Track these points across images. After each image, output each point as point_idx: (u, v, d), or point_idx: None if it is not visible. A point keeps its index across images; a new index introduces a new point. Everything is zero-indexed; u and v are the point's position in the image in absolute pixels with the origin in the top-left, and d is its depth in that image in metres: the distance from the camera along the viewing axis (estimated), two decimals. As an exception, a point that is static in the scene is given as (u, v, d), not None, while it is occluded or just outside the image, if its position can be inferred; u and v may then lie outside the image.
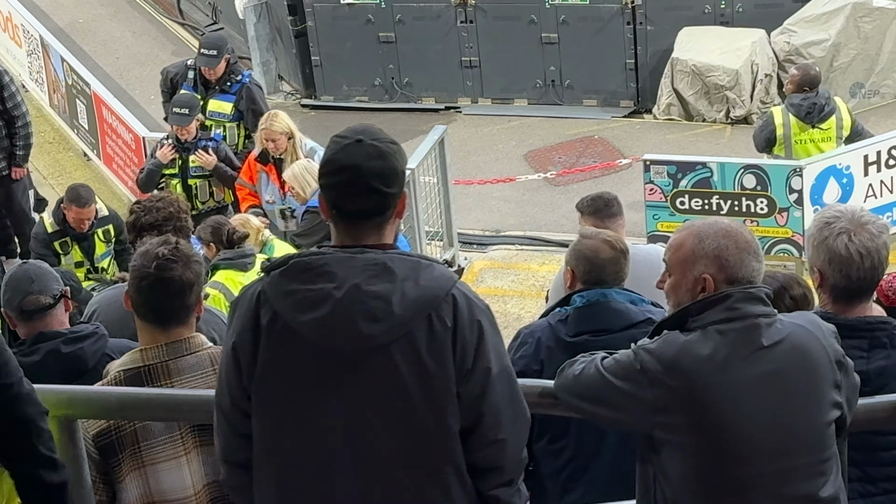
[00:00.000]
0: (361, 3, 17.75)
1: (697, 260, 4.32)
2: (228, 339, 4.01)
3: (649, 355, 4.21)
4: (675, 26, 16.75)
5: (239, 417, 4.01)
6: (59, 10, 20.94)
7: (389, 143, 3.98)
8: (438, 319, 3.88)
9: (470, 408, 3.94)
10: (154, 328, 4.80)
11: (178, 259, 4.81)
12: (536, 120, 17.40)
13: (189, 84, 12.69)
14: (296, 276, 3.91)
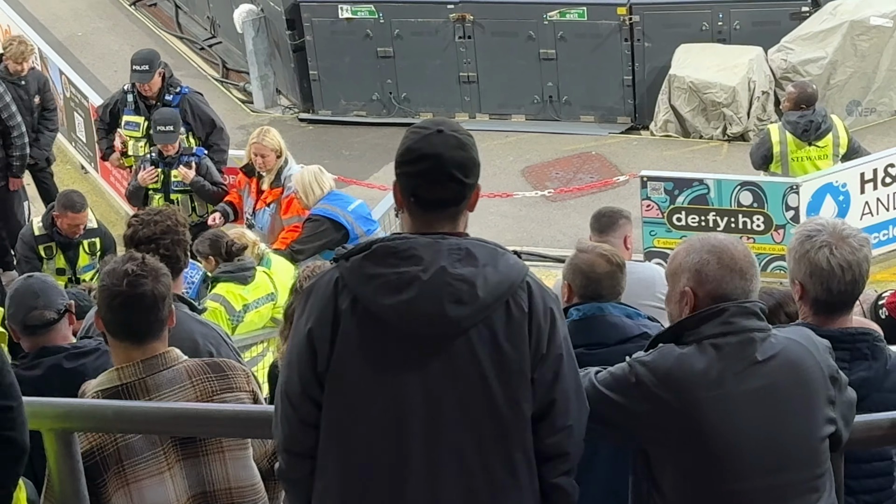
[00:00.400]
0: (360, 17, 17.78)
1: (682, 273, 4.34)
2: (303, 325, 4.00)
3: (644, 368, 4.23)
4: (672, 43, 16.80)
5: (308, 405, 4.01)
6: (57, 24, 20.98)
7: (467, 134, 4.04)
8: (515, 305, 3.93)
9: (543, 393, 3.98)
10: (129, 345, 4.77)
11: (148, 274, 4.78)
12: (534, 136, 17.44)
13: (130, 108, 12.50)
14: (380, 260, 3.94)
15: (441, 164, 3.96)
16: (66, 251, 11.47)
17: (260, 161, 11.51)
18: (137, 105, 12.48)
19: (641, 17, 16.93)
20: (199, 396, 4.71)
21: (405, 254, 3.93)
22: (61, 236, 11.39)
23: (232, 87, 19.41)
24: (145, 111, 12.44)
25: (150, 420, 4.55)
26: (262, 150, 11.49)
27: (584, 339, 5.54)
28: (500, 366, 3.93)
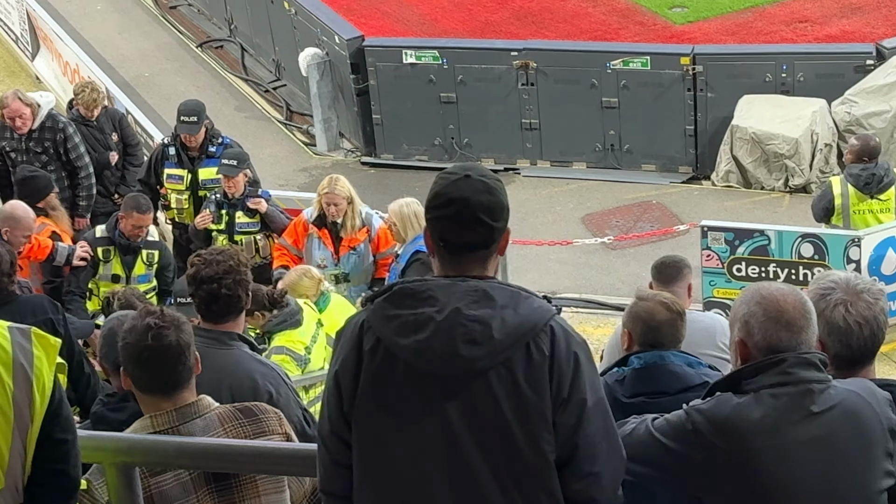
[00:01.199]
0: (424, 63, 17.89)
1: (734, 322, 4.36)
2: (332, 368, 4.08)
3: (701, 416, 4.23)
4: (735, 94, 16.80)
5: (338, 445, 4.07)
6: (125, 64, 21.22)
7: (496, 179, 4.09)
8: (536, 348, 3.94)
9: (565, 438, 3.98)
10: (160, 398, 4.78)
11: (170, 325, 4.77)
12: (595, 183, 17.46)
13: (172, 161, 12.52)
14: (399, 302, 4.00)
15: (468, 208, 4.00)
16: (124, 255, 11.50)
17: (333, 210, 11.46)
18: (180, 157, 12.54)
19: (705, 67, 16.94)
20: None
21: (422, 295, 3.99)
22: (123, 238, 11.43)
23: (295, 129, 19.55)
24: (188, 163, 12.50)
25: (209, 456, 4.59)
26: (335, 199, 11.44)
27: (645, 387, 5.55)
28: (519, 408, 3.94)
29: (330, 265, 11.60)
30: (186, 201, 12.51)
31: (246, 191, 12.06)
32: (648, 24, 20.89)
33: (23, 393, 4.07)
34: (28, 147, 12.96)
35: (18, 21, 21.12)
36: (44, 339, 4.18)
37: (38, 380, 4.09)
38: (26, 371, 4.08)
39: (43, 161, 12.99)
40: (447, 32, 20.74)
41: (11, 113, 12.80)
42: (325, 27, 18.63)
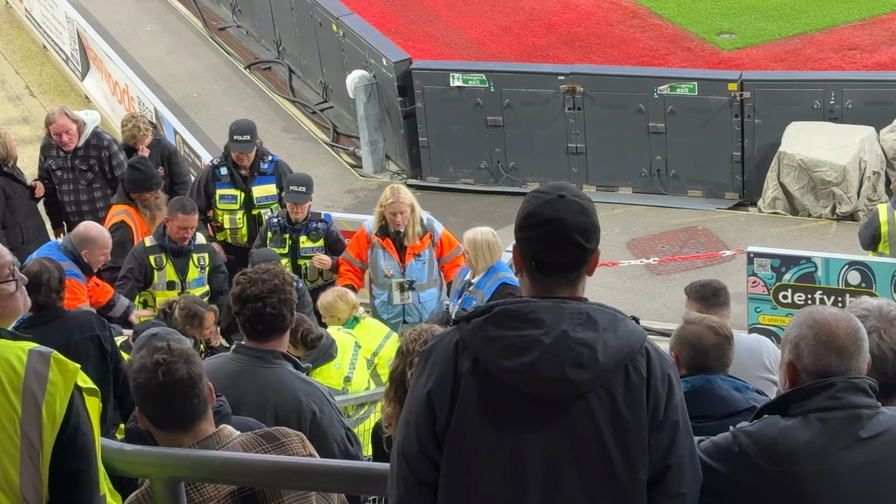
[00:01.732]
0: (470, 86, 17.92)
1: (785, 345, 4.34)
2: (422, 386, 4.03)
3: (748, 438, 4.21)
4: (783, 120, 16.75)
5: (424, 465, 4.04)
6: (174, 84, 21.36)
7: (588, 199, 4.08)
8: (634, 370, 3.94)
9: (659, 458, 3.97)
10: (179, 433, 4.73)
11: (179, 358, 4.72)
12: (640, 208, 17.43)
13: (224, 181, 12.55)
14: (503, 323, 3.96)
15: (564, 229, 3.98)
16: (176, 258, 11.54)
17: (399, 219, 11.60)
18: (233, 177, 12.56)
19: (753, 93, 16.90)
20: None
21: (527, 317, 3.96)
22: (172, 243, 11.48)
23: (342, 151, 19.62)
24: (241, 182, 12.54)
25: (254, 472, 4.60)
26: (401, 208, 11.59)
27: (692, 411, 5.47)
28: (618, 430, 3.93)
29: (396, 274, 11.78)
30: (241, 220, 12.57)
31: (309, 214, 12.10)
32: (696, 49, 20.87)
33: (31, 419, 4.05)
34: (73, 165, 13.04)
35: (69, 41, 21.30)
36: (63, 364, 4.16)
37: (49, 406, 4.07)
38: (36, 397, 4.06)
39: (88, 179, 13.08)
40: (494, 56, 20.78)
41: (58, 128, 12.87)
42: (372, 50, 18.70)
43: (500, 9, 22.69)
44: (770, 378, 7.80)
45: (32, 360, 4.09)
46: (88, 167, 13.05)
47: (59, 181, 13.13)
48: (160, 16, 24.03)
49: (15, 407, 4.03)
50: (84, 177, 13.06)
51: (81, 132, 13.01)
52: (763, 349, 7.85)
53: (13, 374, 4.05)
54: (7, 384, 4.04)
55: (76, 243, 10.56)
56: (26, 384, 4.04)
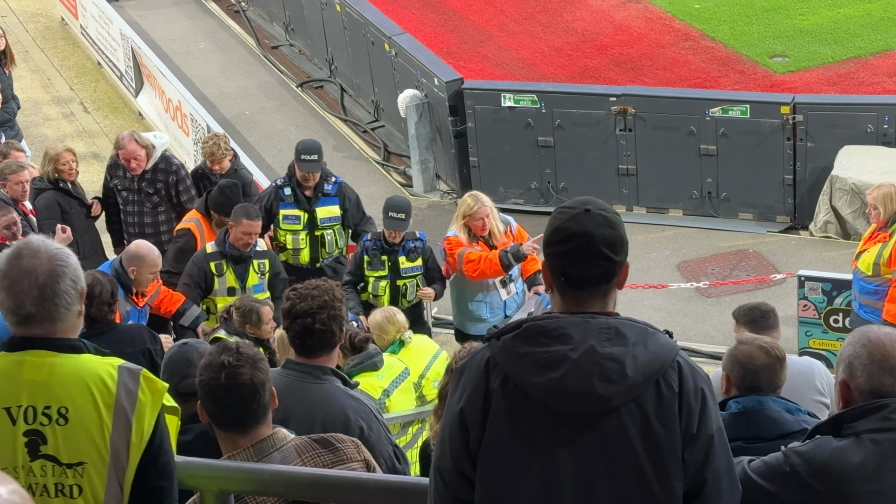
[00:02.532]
0: (522, 106, 17.93)
1: (839, 364, 4.32)
2: (455, 403, 4.07)
3: (800, 458, 4.19)
4: (835, 144, 16.65)
5: (459, 482, 4.06)
6: (226, 102, 21.48)
7: (614, 212, 4.10)
8: (666, 384, 3.94)
9: (694, 473, 3.97)
10: (235, 434, 4.81)
11: (245, 362, 4.80)
12: (691, 231, 17.38)
13: (289, 202, 12.56)
14: (531, 340, 3.98)
15: (590, 242, 4.00)
16: (236, 265, 11.65)
17: (485, 222, 12.11)
18: (297, 197, 12.58)
19: (805, 116, 16.82)
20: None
21: (555, 333, 3.97)
22: (234, 249, 11.60)
23: (392, 170, 19.66)
24: (305, 203, 12.56)
25: (304, 485, 4.61)
26: (486, 211, 12.11)
27: (743, 432, 5.50)
28: (651, 445, 3.93)
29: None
30: (303, 241, 12.60)
31: (405, 237, 12.21)
32: (749, 72, 20.80)
33: (121, 435, 4.09)
34: (140, 187, 13.09)
35: (123, 58, 21.46)
36: (152, 382, 4.21)
37: (139, 423, 4.11)
38: (127, 414, 4.10)
39: (154, 202, 13.12)
40: (546, 77, 20.78)
41: (127, 154, 12.92)
42: (424, 69, 18.75)
43: (552, 30, 22.71)
44: (822, 401, 7.76)
45: (123, 377, 4.13)
46: (155, 191, 13.09)
47: (123, 202, 13.20)
48: (214, 34, 24.18)
49: (106, 422, 4.07)
50: (150, 200, 13.11)
51: (150, 156, 13.05)
52: (815, 372, 7.81)
53: (105, 390, 4.09)
54: (100, 400, 4.08)
55: (125, 260, 10.66)
56: (118, 400, 4.08)
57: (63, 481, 4.06)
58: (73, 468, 4.06)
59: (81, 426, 4.07)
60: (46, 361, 4.12)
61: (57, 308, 4.15)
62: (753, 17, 22.53)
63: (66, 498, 4.06)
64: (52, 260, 4.16)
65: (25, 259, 4.17)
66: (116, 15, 21.89)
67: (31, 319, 4.17)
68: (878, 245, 11.71)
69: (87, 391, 4.08)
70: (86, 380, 4.09)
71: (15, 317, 4.20)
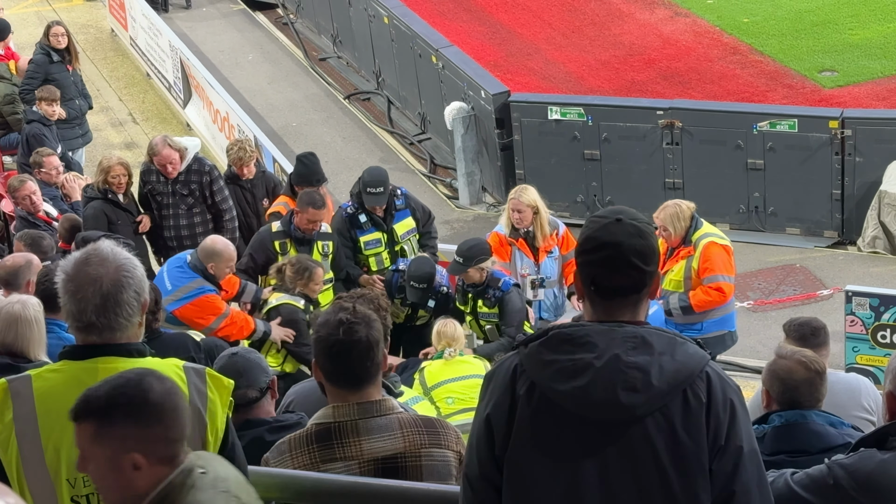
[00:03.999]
0: (568, 119, 17.90)
1: (887, 375, 4.29)
2: (482, 411, 4.09)
3: (844, 471, 4.16)
4: (884, 159, 16.55)
5: (486, 488, 4.07)
6: (273, 114, 21.56)
7: (646, 223, 4.11)
8: (693, 395, 3.93)
9: (722, 485, 3.95)
10: (346, 391, 4.96)
11: (361, 321, 4.95)
12: (738, 245, 17.16)
13: (367, 227, 12.49)
14: (556, 347, 3.99)
15: (621, 252, 4.00)
16: (300, 246, 11.97)
17: (517, 216, 12.18)
18: (374, 221, 12.51)
19: (854, 131, 16.72)
20: (407, 446, 4.86)
21: (580, 341, 3.98)
22: (299, 232, 11.95)
23: (439, 182, 19.68)
24: (382, 224, 12.52)
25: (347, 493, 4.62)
26: (520, 206, 12.18)
27: (786, 445, 5.48)
28: (677, 455, 3.91)
29: (531, 272, 12.32)
30: (386, 259, 12.62)
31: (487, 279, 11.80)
32: (797, 87, 20.71)
33: (196, 436, 4.10)
34: (175, 190, 13.20)
35: (172, 69, 21.58)
36: (217, 380, 4.22)
37: (212, 423, 4.13)
38: (201, 414, 4.11)
39: (189, 204, 13.22)
40: (593, 90, 20.76)
41: (163, 160, 13.04)
42: (471, 82, 18.75)
43: (599, 43, 22.68)
44: (868, 419, 7.69)
45: (191, 377, 4.16)
46: (189, 192, 13.21)
47: (159, 206, 13.29)
48: (262, 46, 24.28)
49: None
50: (185, 202, 13.22)
51: (183, 158, 13.18)
52: (862, 389, 7.75)
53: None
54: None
55: (202, 258, 11.03)
56: (191, 401, 4.10)
57: None
58: None
59: None
60: (119, 367, 4.13)
61: (117, 318, 4.17)
62: (802, 31, 22.43)
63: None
64: (118, 270, 4.17)
65: (93, 266, 4.19)
66: (166, 26, 22.03)
67: (92, 328, 4.19)
68: (684, 261, 11.74)
69: None
70: None
71: (77, 322, 4.23)
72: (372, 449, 4.83)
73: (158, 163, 13.09)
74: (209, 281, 11.00)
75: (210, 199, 13.27)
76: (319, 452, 4.88)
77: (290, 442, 4.98)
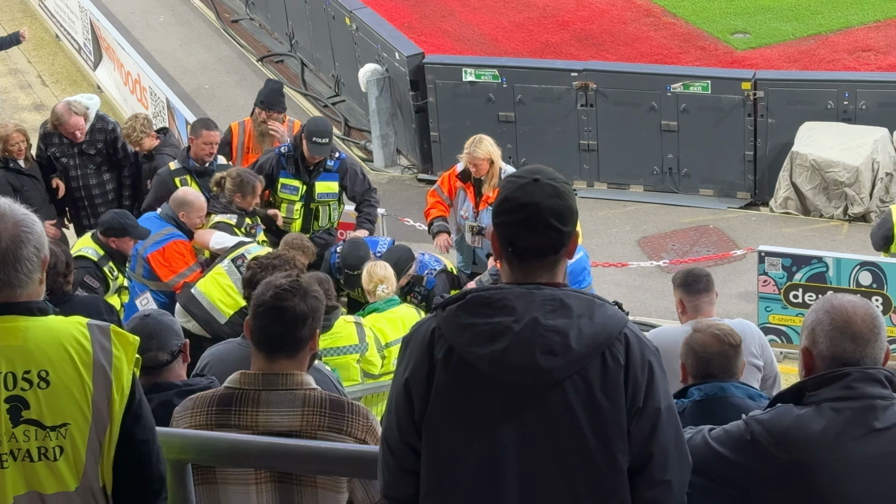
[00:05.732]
0: (483, 81, 17.89)
1: (803, 331, 4.30)
2: (400, 375, 4.04)
3: (761, 426, 4.18)
4: (796, 120, 16.69)
5: (406, 452, 4.04)
6: (186, 76, 21.35)
7: (564, 182, 4.05)
8: (612, 357, 3.90)
9: (640, 446, 3.94)
10: (263, 356, 4.91)
11: (296, 291, 4.92)
12: (652, 206, 17.39)
13: (289, 171, 12.42)
14: (475, 310, 3.94)
15: (538, 213, 3.95)
16: (199, 178, 12.10)
17: (473, 169, 12.14)
18: (298, 169, 12.42)
19: (766, 92, 16.85)
20: (304, 426, 4.76)
21: (498, 304, 3.93)
22: (195, 164, 12.14)
23: (353, 145, 19.59)
24: (305, 175, 12.42)
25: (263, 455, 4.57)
26: (475, 160, 12.09)
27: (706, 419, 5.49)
28: (595, 418, 3.90)
29: (471, 218, 12.34)
30: (297, 212, 12.51)
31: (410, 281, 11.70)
32: (710, 49, 20.82)
33: (102, 393, 4.04)
34: (82, 150, 13.05)
35: (82, 31, 21.30)
36: (122, 337, 4.15)
37: (118, 380, 4.07)
38: (106, 371, 4.05)
39: (97, 163, 13.13)
40: (507, 52, 20.75)
41: (70, 128, 12.88)
42: (385, 44, 18.67)
43: (513, 5, 22.67)
44: (754, 363, 7.89)
45: (95, 335, 4.08)
46: (96, 151, 13.09)
47: (64, 168, 13.11)
48: (173, 7, 24.03)
49: (87, 382, 4.01)
50: (92, 161, 13.09)
51: (88, 120, 13.06)
52: (748, 334, 7.93)
53: (82, 349, 4.03)
54: (78, 359, 4.02)
55: (174, 207, 11.25)
56: (95, 359, 4.03)
57: (46, 444, 4.01)
58: (56, 430, 4.02)
59: (63, 388, 4.01)
60: (19, 326, 4.06)
61: (17, 275, 4.09)
62: (715, -7, 22.56)
63: (49, 461, 4.02)
64: (17, 225, 4.09)
65: None
66: (75, -13, 21.73)
67: None
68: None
69: (65, 352, 4.02)
70: (61, 341, 4.03)
71: None
72: (268, 422, 4.76)
73: (66, 132, 12.91)
74: (181, 229, 11.19)
75: (114, 157, 13.17)
76: (216, 416, 4.82)
77: (195, 399, 4.93)
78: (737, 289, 14.51)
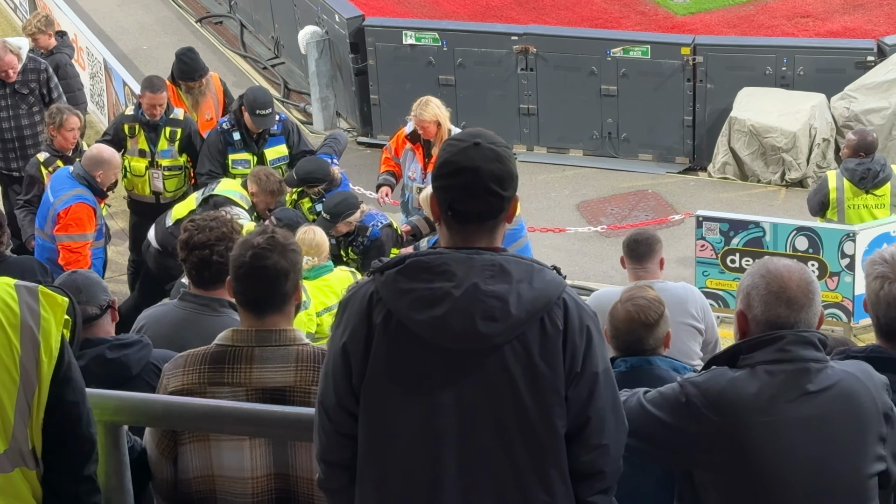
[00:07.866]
0: (423, 44, 17.83)
1: (738, 294, 4.34)
2: (338, 339, 4.02)
3: (695, 388, 4.21)
4: (735, 86, 16.76)
5: (343, 417, 4.03)
6: (123, 36, 21.16)
7: (505, 146, 4.03)
8: (550, 322, 3.91)
9: (577, 411, 3.96)
10: (251, 316, 4.92)
11: (274, 248, 4.93)
12: (591, 171, 17.42)
13: (238, 146, 12.28)
14: (414, 275, 3.93)
15: (478, 177, 3.95)
16: (149, 131, 12.36)
17: (421, 131, 12.14)
18: (245, 141, 12.31)
19: (705, 58, 16.90)
20: (297, 381, 4.77)
21: (438, 269, 3.93)
22: (146, 118, 12.31)
23: (292, 107, 19.49)
24: (254, 146, 12.32)
25: (199, 417, 4.56)
26: (422, 123, 12.10)
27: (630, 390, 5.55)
28: (533, 383, 3.91)
29: (418, 179, 12.33)
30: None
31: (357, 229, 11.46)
32: (650, 13, 20.86)
33: (30, 355, 4.01)
34: (14, 90, 12.96)
35: (18, -11, 21.07)
36: (51, 297, 4.10)
37: (46, 342, 4.03)
38: (34, 333, 4.01)
39: (29, 103, 13.09)
40: (448, 15, 20.69)
41: (4, 66, 12.83)
42: (325, 5, 18.57)
43: (454, -32, 22.60)
44: (695, 325, 7.94)
45: (23, 296, 4.03)
46: (29, 91, 13.07)
47: None
48: (111, -33, 23.78)
49: (14, 343, 3.97)
50: (25, 101, 13.04)
51: (21, 59, 13.04)
52: (689, 297, 8.01)
53: (9, 311, 3.98)
54: (4, 321, 3.97)
55: (88, 167, 11.09)
56: (23, 321, 3.99)
57: None
58: None
59: None
60: None
61: None
62: (655, -42, 22.58)
63: None
64: None
65: None
66: (10, -55, 21.49)
67: None
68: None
69: None
70: None
71: None
72: (262, 378, 4.76)
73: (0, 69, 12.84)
74: (92, 190, 11.08)
75: (48, 96, 13.12)
76: (209, 374, 4.80)
77: (187, 357, 4.91)
78: (675, 253, 14.56)
